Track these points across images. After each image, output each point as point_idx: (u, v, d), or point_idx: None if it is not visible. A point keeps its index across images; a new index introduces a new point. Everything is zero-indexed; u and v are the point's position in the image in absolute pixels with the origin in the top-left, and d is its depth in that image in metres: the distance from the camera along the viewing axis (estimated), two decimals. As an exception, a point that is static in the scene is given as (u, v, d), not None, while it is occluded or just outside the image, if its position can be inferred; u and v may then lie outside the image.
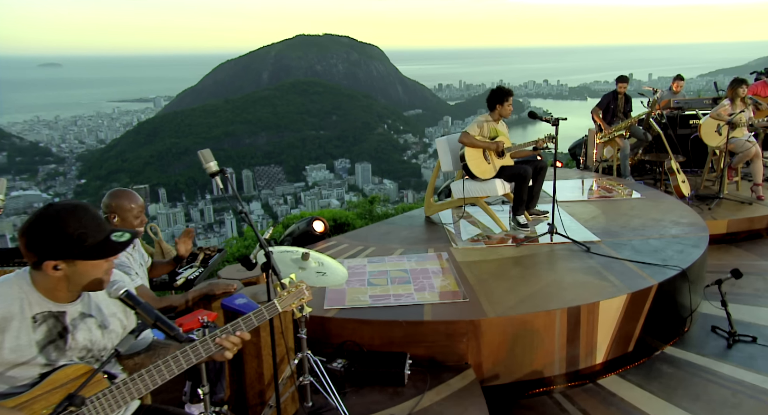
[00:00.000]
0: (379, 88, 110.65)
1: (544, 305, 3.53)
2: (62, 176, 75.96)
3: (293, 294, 1.99)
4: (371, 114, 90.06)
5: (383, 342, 3.37)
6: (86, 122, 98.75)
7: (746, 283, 5.13)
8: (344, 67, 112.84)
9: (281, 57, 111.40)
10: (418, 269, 4.11)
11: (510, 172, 5.02)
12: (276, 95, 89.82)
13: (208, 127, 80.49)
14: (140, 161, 75.39)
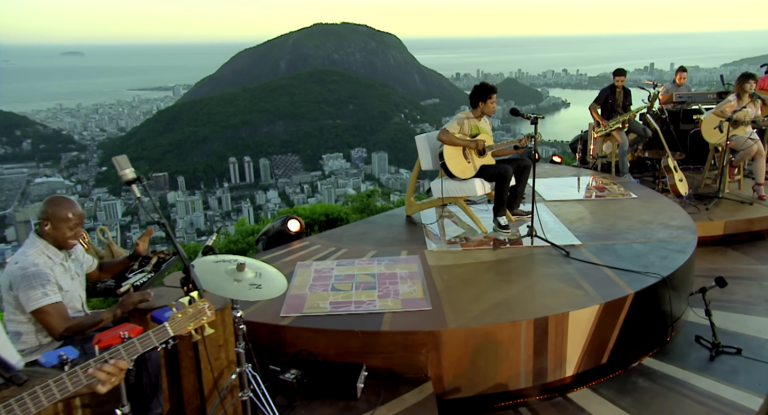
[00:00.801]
0: (397, 77, 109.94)
1: (509, 315, 3.38)
2: (84, 164, 77.09)
3: (190, 315, 1.85)
4: (388, 103, 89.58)
5: (339, 352, 3.25)
6: (107, 110, 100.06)
7: (739, 288, 4.93)
8: (362, 56, 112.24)
9: (299, 46, 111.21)
10: (387, 273, 3.98)
11: (490, 171, 4.84)
12: (293, 84, 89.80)
13: (226, 115, 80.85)
14: (159, 149, 76.13)
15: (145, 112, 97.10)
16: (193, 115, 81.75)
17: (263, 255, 4.55)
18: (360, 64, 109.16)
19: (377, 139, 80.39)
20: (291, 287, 3.77)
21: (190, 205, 64.14)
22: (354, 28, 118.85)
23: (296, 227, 4.89)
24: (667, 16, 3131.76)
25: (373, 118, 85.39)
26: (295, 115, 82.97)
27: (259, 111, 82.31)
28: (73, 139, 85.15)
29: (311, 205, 8.04)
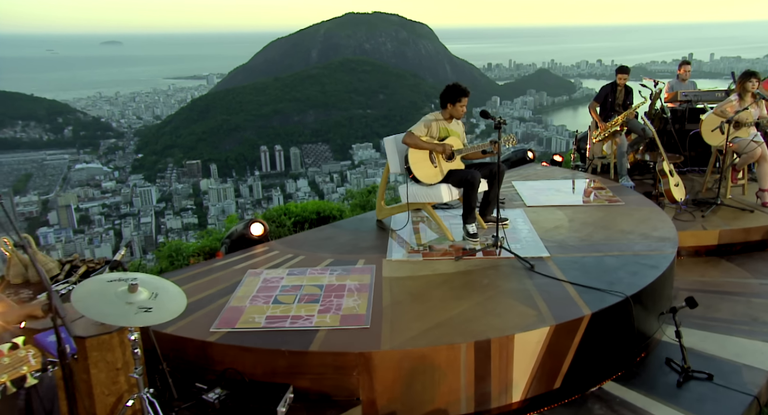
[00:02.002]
0: (427, 67, 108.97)
1: (449, 336, 3.18)
2: (121, 151, 79.07)
3: (5, 365, 1.70)
4: (418, 93, 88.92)
5: (266, 372, 3.11)
6: (144, 98, 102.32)
7: (725, 305, 4.63)
8: (393, 46, 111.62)
9: (330, 35, 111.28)
10: (336, 284, 3.84)
11: (458, 177, 4.62)
12: (324, 74, 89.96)
13: (258, 104, 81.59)
14: (193, 137, 77.42)
15: (180, 100, 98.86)
16: (225, 104, 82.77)
17: (218, 261, 4.46)
18: (391, 54, 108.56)
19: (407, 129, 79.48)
20: (232, 298, 3.66)
21: (222, 193, 65.11)
22: (385, 18, 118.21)
23: (259, 231, 4.77)
24: (708, 4, 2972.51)
25: (403, 108, 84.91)
26: (326, 104, 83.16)
27: (291, 100, 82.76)
28: (111, 127, 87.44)
29: (303, 203, 7.92)
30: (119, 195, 64.16)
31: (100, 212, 60.24)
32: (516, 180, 6.54)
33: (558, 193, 5.96)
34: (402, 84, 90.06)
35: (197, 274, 4.12)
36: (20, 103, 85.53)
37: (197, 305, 3.58)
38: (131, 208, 61.98)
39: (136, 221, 58.33)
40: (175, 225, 56.55)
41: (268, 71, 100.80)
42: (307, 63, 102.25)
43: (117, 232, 55.73)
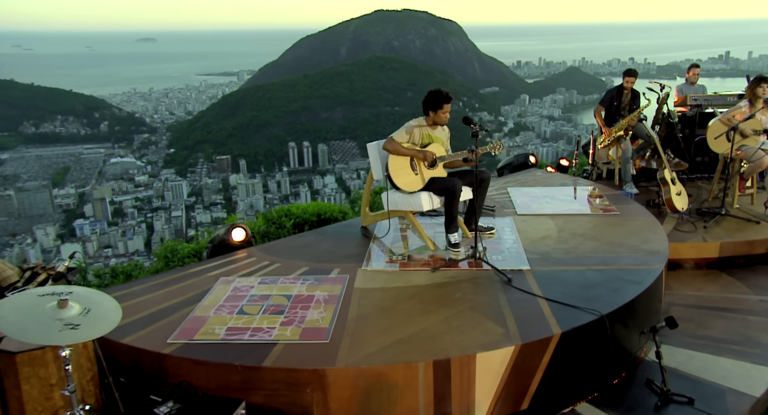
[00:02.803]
0: (456, 64, 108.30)
1: (409, 354, 3.09)
2: (154, 145, 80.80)
3: None
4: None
5: (220, 386, 3.06)
6: (176, 94, 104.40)
7: (718, 322, 4.44)
8: (421, 43, 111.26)
9: (360, 32, 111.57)
10: (305, 295, 3.79)
11: (439, 185, 4.52)
12: (353, 71, 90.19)
13: (287, 101, 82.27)
14: (223, 133, 78.55)
15: (211, 96, 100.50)
16: (255, 101, 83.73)
17: (194, 267, 4.45)
18: (419, 51, 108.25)
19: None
20: (198, 307, 3.64)
21: (251, 188, 65.93)
22: (414, 15, 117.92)
23: (241, 236, 4.75)
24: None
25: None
26: (354, 101, 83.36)
27: (319, 97, 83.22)
28: (144, 122, 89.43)
29: (304, 205, 7.91)
30: (151, 189, 65.55)
31: (133, 205, 61.69)
32: (512, 186, 6.40)
33: (552, 200, 5.80)
34: (430, 81, 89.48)
35: (170, 280, 4.12)
36: (60, 98, 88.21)
37: (162, 313, 3.57)
38: (162, 201, 63.28)
39: (167, 214, 59.54)
40: (204, 219, 57.47)
41: (297, 68, 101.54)
42: (335, 60, 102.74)
43: (149, 225, 56.96)
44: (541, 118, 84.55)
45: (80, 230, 54.84)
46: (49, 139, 79.71)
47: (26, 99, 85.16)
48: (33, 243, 52.09)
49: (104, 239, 53.83)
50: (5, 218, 56.66)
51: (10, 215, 57.43)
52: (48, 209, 59.77)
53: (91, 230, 54.59)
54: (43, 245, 52.34)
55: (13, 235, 54.52)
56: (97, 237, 53.35)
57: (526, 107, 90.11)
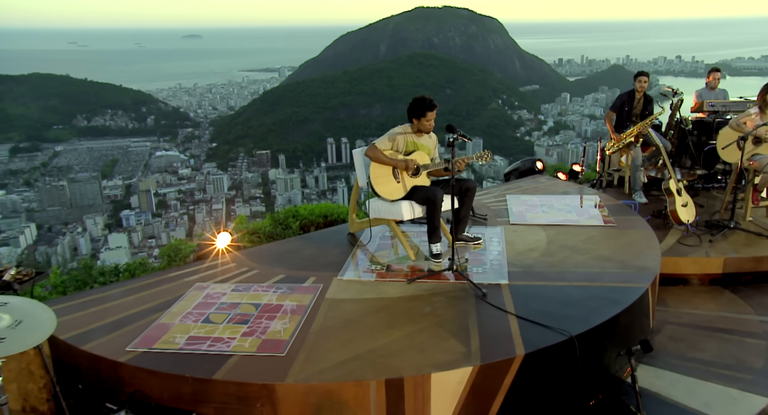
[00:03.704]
0: (496, 62, 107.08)
1: (362, 371, 3.04)
2: (197, 139, 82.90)
3: None
4: (486, 89, 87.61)
5: (172, 397, 3.07)
6: (219, 90, 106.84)
7: (711, 344, 4.22)
8: (461, 40, 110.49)
9: (399, 29, 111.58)
10: (274, 304, 3.79)
11: (421, 194, 4.44)
12: (392, 68, 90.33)
13: (327, 97, 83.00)
14: (264, 128, 79.89)
15: (253, 92, 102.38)
16: (295, 97, 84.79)
17: (172, 271, 4.50)
18: (459, 49, 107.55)
19: (473, 124, 79.01)
20: (165, 314, 3.68)
21: (289, 183, 66.87)
22: (455, 12, 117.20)
23: (226, 242, 4.80)
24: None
25: (469, 103, 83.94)
26: (393, 98, 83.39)
27: (358, 93, 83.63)
28: (188, 117, 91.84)
29: (312, 206, 7.94)
30: (194, 182, 67.25)
31: (176, 197, 63.48)
32: (513, 193, 6.25)
33: (550, 210, 5.63)
34: (469, 79, 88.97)
35: (146, 285, 4.17)
36: (110, 93, 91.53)
37: (130, 319, 3.62)
38: (204, 194, 64.85)
39: (208, 207, 60.95)
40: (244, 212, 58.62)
41: (337, 65, 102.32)
42: (375, 57, 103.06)
43: (191, 217, 58.45)
44: (582, 117, 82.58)
45: (126, 220, 56.80)
46: (100, 132, 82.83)
47: (80, 94, 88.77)
48: (83, 232, 54.30)
49: (148, 230, 55.61)
50: (58, 207, 59.18)
51: (63, 204, 59.94)
52: (97, 200, 62.13)
53: (137, 221, 56.47)
54: (92, 234, 54.47)
55: (66, 223, 56.96)
56: (142, 228, 55.14)
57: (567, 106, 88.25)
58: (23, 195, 61.33)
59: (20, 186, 64.78)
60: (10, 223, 54.21)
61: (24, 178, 66.92)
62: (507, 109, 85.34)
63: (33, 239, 53.21)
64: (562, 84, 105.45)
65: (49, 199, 59.73)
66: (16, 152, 72.94)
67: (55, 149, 75.52)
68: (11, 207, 57.96)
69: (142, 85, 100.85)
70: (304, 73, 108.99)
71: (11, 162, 70.63)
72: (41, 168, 70.10)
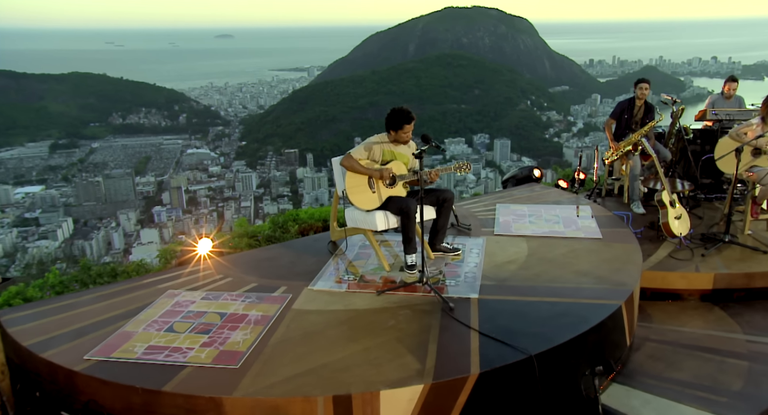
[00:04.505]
0: (525, 62, 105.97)
1: (311, 386, 3.02)
2: (227, 138, 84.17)
3: None
4: (514, 89, 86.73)
5: (123, 407, 3.10)
6: (249, 89, 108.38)
7: (690, 364, 4.10)
8: (491, 41, 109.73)
9: (428, 29, 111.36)
10: (239, 314, 3.81)
11: (395, 205, 4.41)
12: (420, 68, 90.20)
13: (355, 97, 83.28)
14: (292, 127, 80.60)
15: (282, 91, 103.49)
16: (324, 96, 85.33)
17: (147, 278, 4.54)
18: (488, 49, 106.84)
19: (501, 125, 78.34)
20: (131, 322, 3.72)
21: (316, 182, 67.29)
22: (484, 12, 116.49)
23: (207, 248, 4.86)
24: None
25: (498, 103, 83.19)
26: (421, 98, 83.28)
27: (386, 93, 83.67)
28: (219, 115, 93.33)
29: (313, 209, 7.97)
30: (223, 179, 68.27)
31: (206, 194, 64.54)
32: (503, 202, 6.17)
33: (537, 220, 5.52)
34: (498, 79, 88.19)
35: (119, 291, 4.22)
36: (144, 91, 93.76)
37: (96, 326, 3.67)
38: (233, 192, 65.78)
39: (237, 204, 61.82)
40: (271, 210, 59.28)
41: (365, 64, 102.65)
42: (404, 57, 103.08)
43: (220, 214, 59.34)
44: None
45: (158, 216, 58.04)
46: (134, 129, 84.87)
47: (115, 92, 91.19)
48: (117, 227, 55.71)
49: (179, 226, 56.70)
50: (93, 202, 60.85)
51: (98, 199, 61.58)
52: (130, 196, 63.63)
53: (168, 217, 57.62)
54: (125, 229, 55.84)
55: (100, 218, 58.54)
56: (173, 224, 56.22)
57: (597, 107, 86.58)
58: (61, 190, 63.30)
59: (59, 181, 66.85)
60: (49, 217, 56.00)
61: (62, 174, 69.05)
62: (536, 110, 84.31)
63: (70, 232, 54.85)
64: (592, 85, 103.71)
65: (85, 194, 61.46)
66: (56, 149, 75.31)
67: (91, 146, 77.72)
68: (50, 202, 59.87)
69: (175, 84, 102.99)
70: (333, 72, 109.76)
71: (51, 158, 72.97)
72: (78, 164, 72.23)
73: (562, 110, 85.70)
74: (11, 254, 48.23)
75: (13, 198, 59.96)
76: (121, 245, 52.79)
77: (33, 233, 52.94)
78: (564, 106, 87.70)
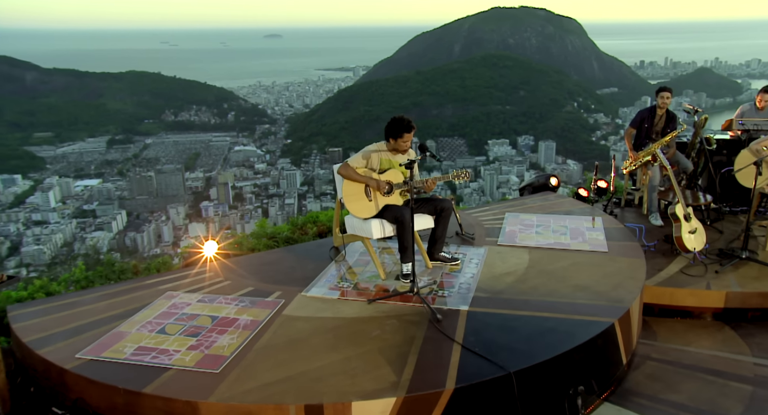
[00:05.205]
0: (573, 63, 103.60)
1: (285, 394, 3.06)
2: (273, 136, 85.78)
3: None
4: (561, 91, 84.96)
5: (107, 407, 3.22)
6: (296, 88, 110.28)
7: (689, 386, 3.96)
8: (537, 41, 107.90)
9: (474, 30, 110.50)
10: (230, 318, 3.89)
11: (391, 213, 4.42)
12: (465, 68, 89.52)
13: (399, 97, 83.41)
14: (337, 126, 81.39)
15: (328, 90, 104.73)
16: (368, 96, 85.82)
17: (150, 279, 4.70)
18: (535, 49, 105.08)
19: (546, 127, 76.89)
20: (127, 322, 3.85)
21: (359, 180, 67.69)
22: (532, 12, 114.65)
23: (212, 250, 4.97)
24: None
25: (543, 105, 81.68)
26: (465, 99, 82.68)
27: (430, 93, 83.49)
28: (266, 113, 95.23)
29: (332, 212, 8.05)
30: (268, 176, 69.61)
31: (252, 190, 66.01)
32: (514, 211, 6.07)
33: (544, 231, 5.41)
34: (544, 80, 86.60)
35: (121, 291, 4.37)
36: (195, 90, 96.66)
37: (93, 325, 3.82)
38: (278, 189, 66.99)
39: (281, 201, 62.94)
40: (314, 208, 60.05)
41: (410, 65, 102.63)
42: (449, 57, 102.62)
43: (264, 210, 60.58)
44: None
45: (205, 211, 59.76)
46: (185, 126, 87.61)
47: (169, 90, 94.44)
48: (166, 220, 57.70)
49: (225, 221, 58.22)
50: (146, 196, 63.19)
51: (150, 193, 63.88)
52: (180, 191, 65.69)
53: (215, 212, 59.24)
54: (174, 223, 57.76)
55: (152, 211, 60.78)
56: (219, 219, 57.77)
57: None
58: (116, 184, 66.07)
59: (114, 175, 69.78)
60: (105, 209, 58.63)
61: (118, 169, 72.05)
62: (582, 112, 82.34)
63: (123, 224, 57.21)
64: (642, 87, 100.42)
65: (138, 188, 63.85)
66: (112, 144, 78.70)
67: (145, 142, 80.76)
68: (106, 195, 62.63)
69: (224, 83, 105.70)
70: (377, 72, 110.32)
71: (108, 153, 76.26)
72: (132, 159, 75.15)
73: (610, 113, 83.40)
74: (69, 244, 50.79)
75: (73, 190, 63.11)
76: (171, 238, 54.61)
77: (90, 224, 55.65)
78: (612, 109, 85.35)
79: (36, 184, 64.06)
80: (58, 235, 51.73)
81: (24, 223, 54.45)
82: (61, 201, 60.58)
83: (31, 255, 47.23)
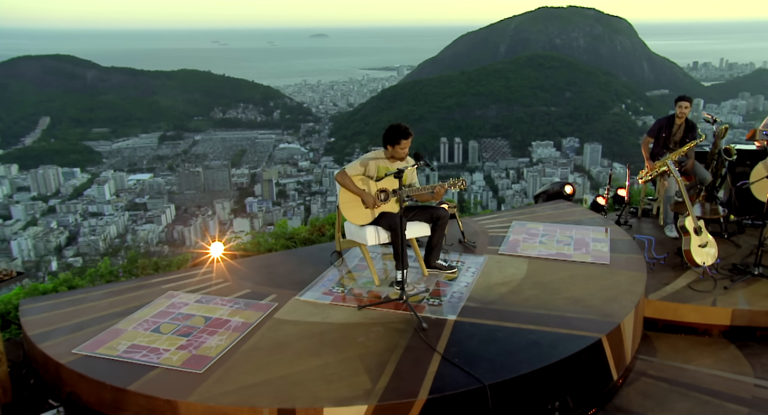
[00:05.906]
0: (622, 64, 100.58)
1: (260, 397, 3.15)
2: (317, 134, 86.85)
3: None
4: (608, 92, 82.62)
5: (96, 402, 3.37)
6: (340, 87, 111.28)
7: (683, 406, 3.86)
8: (585, 42, 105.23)
9: (520, 30, 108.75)
10: (223, 319, 4.01)
11: (386, 221, 4.46)
12: (510, 69, 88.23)
13: (443, 97, 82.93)
14: (380, 125, 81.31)
15: (371, 90, 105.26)
16: (412, 95, 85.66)
17: (154, 278, 4.87)
18: (583, 50, 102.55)
19: (592, 129, 74.96)
20: (125, 320, 4.01)
21: (400, 180, 67.79)
22: (580, 12, 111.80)
23: (219, 251, 5.14)
24: None
25: (590, 107, 79.67)
26: (509, 99, 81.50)
27: (474, 94, 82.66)
28: (311, 112, 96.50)
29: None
30: (311, 174, 70.51)
31: (295, 188, 67.04)
32: (521, 219, 6.01)
33: (549, 241, 5.34)
34: (591, 82, 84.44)
35: (125, 289, 4.57)
36: (243, 88, 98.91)
37: (94, 322, 4.00)
38: (320, 187, 67.76)
39: (323, 199, 63.69)
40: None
41: (455, 65, 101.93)
42: (494, 57, 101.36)
43: (307, 207, 61.43)
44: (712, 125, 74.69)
45: (250, 207, 61.11)
46: (232, 124, 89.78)
47: (218, 88, 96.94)
48: (212, 215, 59.32)
49: (268, 217, 59.37)
50: (193, 191, 65.15)
51: (197, 188, 65.81)
52: (226, 186, 67.37)
53: (258, 208, 60.50)
54: (220, 218, 59.32)
55: (198, 206, 62.63)
56: (263, 215, 58.93)
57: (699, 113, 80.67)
58: (166, 178, 68.43)
59: (165, 170, 72.29)
60: (155, 203, 60.83)
61: (168, 164, 74.58)
62: (630, 115, 79.89)
63: (172, 218, 59.20)
64: (695, 89, 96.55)
65: (187, 183, 65.85)
66: (164, 140, 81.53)
67: (194, 138, 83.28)
68: (157, 189, 64.94)
69: (271, 81, 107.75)
70: (422, 72, 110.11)
71: (159, 149, 79.05)
72: (182, 155, 77.58)
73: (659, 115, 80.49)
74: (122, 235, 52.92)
75: (126, 184, 65.79)
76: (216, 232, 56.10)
77: (141, 216, 57.87)
78: (662, 111, 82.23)
79: (93, 177, 67.19)
80: (112, 226, 53.93)
81: (81, 214, 57.16)
82: (115, 194, 63.24)
83: (87, 245, 49.42)
